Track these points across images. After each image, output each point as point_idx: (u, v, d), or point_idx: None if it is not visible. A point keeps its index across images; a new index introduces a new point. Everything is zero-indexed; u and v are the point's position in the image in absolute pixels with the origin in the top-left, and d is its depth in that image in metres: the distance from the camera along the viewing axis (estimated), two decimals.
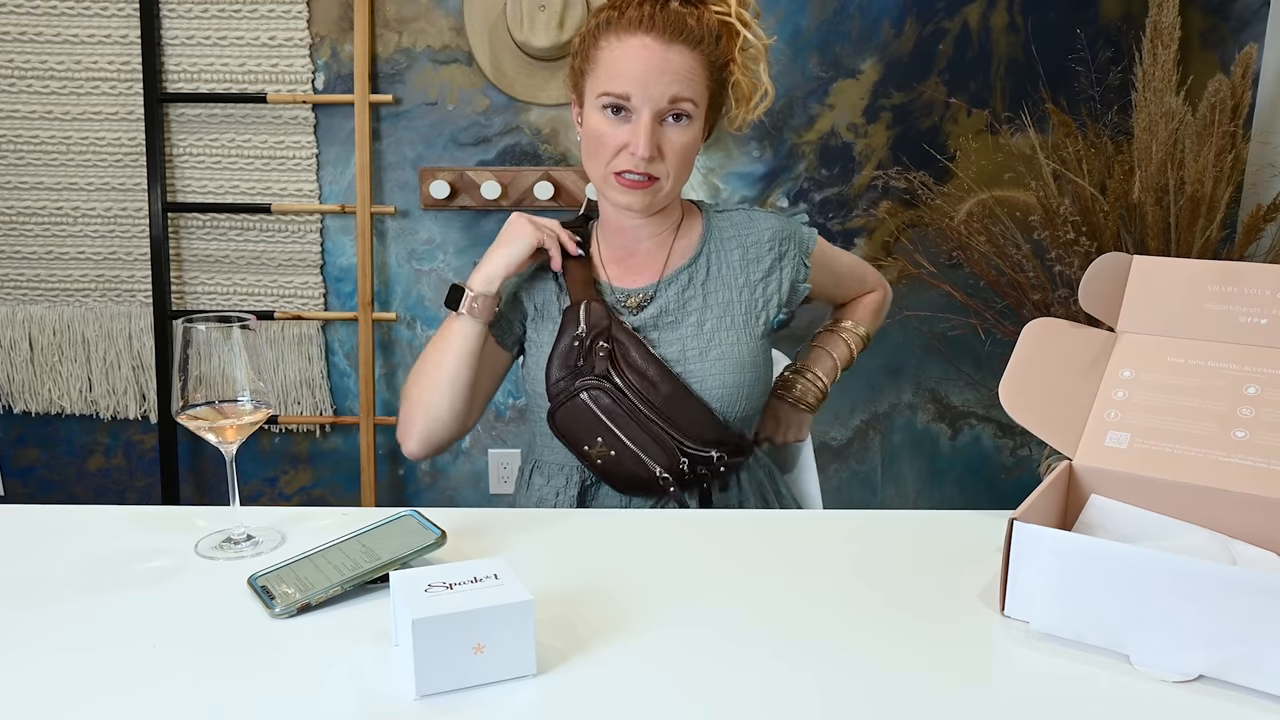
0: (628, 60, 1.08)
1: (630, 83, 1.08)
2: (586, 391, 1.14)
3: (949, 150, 2.08)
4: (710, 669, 0.75)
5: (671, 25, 1.08)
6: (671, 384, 1.15)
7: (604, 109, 1.10)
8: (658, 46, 1.08)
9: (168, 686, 0.71)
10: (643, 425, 1.14)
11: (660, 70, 1.08)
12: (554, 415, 1.16)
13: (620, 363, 1.15)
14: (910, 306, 2.13)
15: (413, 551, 0.87)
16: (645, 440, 1.14)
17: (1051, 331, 1.00)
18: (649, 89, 1.08)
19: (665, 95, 1.08)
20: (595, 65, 1.12)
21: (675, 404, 1.15)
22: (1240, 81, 1.67)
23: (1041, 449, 2.04)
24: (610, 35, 1.10)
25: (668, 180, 1.13)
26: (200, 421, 0.91)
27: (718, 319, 1.19)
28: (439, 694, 0.70)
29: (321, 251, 2.13)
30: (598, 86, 1.11)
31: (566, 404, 1.15)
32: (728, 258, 1.22)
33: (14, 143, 2.07)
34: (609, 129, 1.11)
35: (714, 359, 1.17)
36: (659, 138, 1.10)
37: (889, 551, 0.97)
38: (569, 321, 1.16)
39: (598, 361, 1.14)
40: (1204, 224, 1.70)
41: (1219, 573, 0.72)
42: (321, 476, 2.27)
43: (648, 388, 1.14)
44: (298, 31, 2.02)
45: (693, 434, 1.15)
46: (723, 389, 1.17)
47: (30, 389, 2.19)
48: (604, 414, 1.14)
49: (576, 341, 1.15)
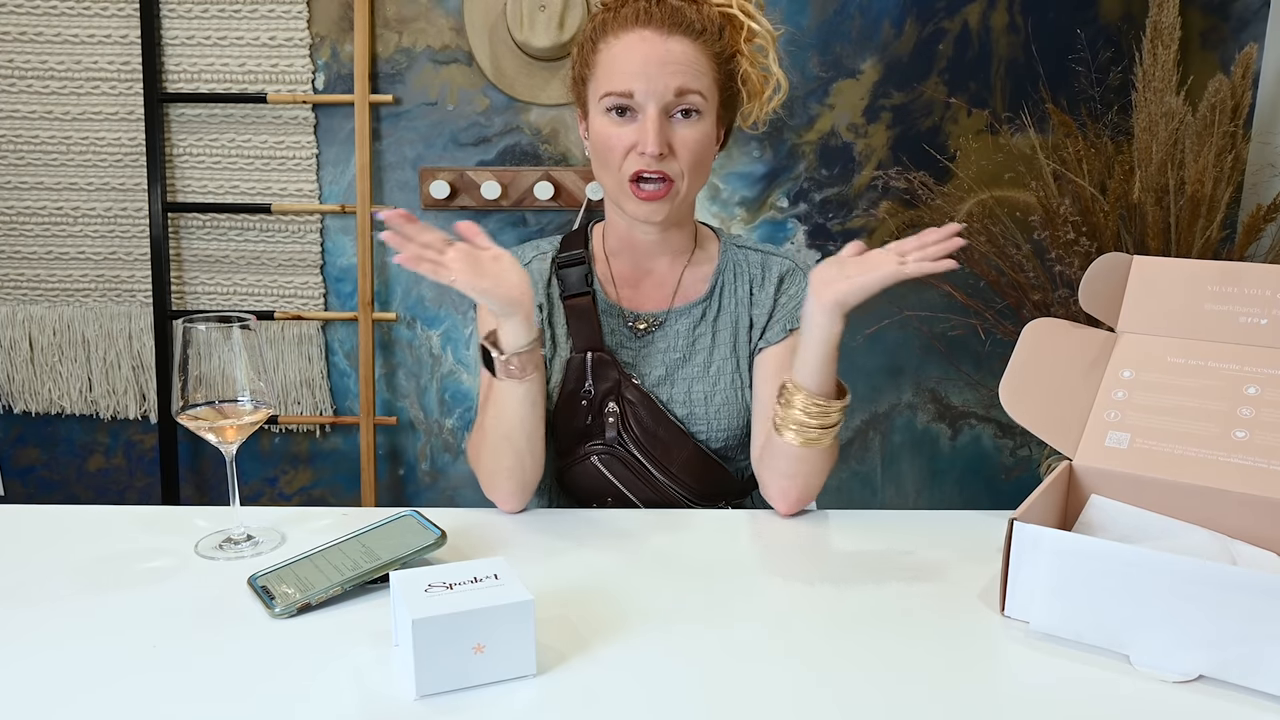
0: (626, 55, 1.04)
1: (631, 78, 1.03)
2: (597, 456, 1.13)
3: (949, 150, 2.08)
4: (710, 669, 0.75)
5: (669, 17, 1.04)
6: (685, 446, 1.13)
7: (608, 111, 1.06)
8: (656, 38, 1.03)
9: (168, 686, 0.71)
10: (654, 487, 1.13)
11: (661, 62, 1.03)
12: (562, 476, 1.16)
13: (631, 426, 1.12)
14: (910, 306, 2.13)
15: (413, 551, 0.87)
16: (655, 499, 1.14)
17: (1051, 331, 1.00)
18: (652, 82, 1.03)
19: (670, 88, 1.03)
20: (595, 68, 1.08)
21: (689, 466, 1.14)
22: (1240, 81, 1.67)
23: (1041, 449, 2.04)
24: (607, 35, 1.06)
25: (682, 181, 1.07)
26: (200, 421, 0.92)
27: (723, 360, 1.16)
28: (439, 694, 0.70)
29: (321, 251, 2.13)
30: (599, 89, 1.06)
31: (576, 466, 1.14)
32: (739, 293, 1.18)
33: (14, 143, 2.07)
34: (615, 130, 1.05)
35: (719, 404, 1.15)
36: (668, 134, 1.04)
37: (889, 551, 0.97)
38: (574, 369, 1.13)
39: (608, 426, 1.12)
40: (1204, 224, 1.70)
41: (1219, 573, 0.72)
42: (321, 476, 2.27)
43: (661, 451, 1.13)
44: (298, 31, 2.02)
45: (704, 490, 1.15)
46: (727, 433, 1.15)
47: (30, 389, 2.19)
48: (615, 478, 1.13)
49: (585, 400, 1.12)
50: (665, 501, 1.14)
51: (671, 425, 1.13)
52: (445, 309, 2.16)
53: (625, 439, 1.12)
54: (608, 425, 1.12)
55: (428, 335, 2.18)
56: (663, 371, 1.15)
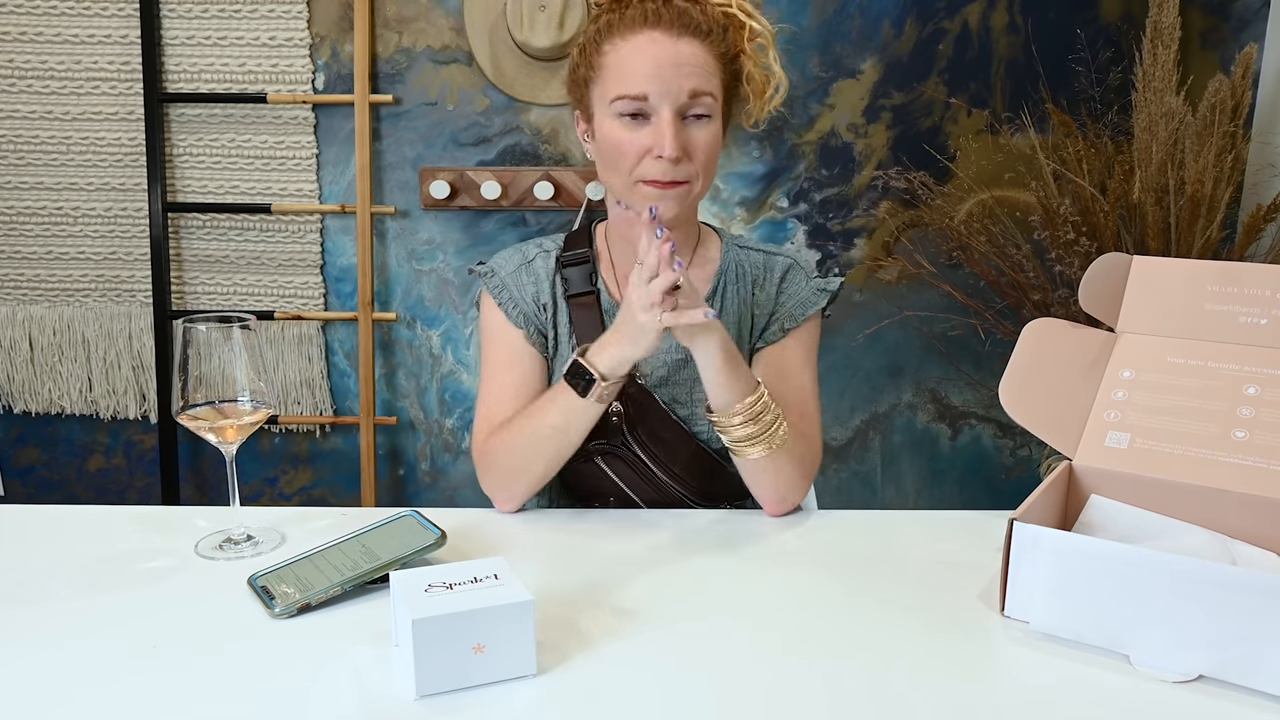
0: (638, 58, 1.02)
1: (645, 80, 1.01)
2: (601, 455, 1.12)
3: (949, 150, 2.08)
4: (710, 669, 0.75)
5: (678, 19, 1.03)
6: (688, 446, 1.13)
7: (620, 115, 1.03)
8: (667, 40, 1.02)
9: (168, 686, 0.71)
10: (657, 487, 1.13)
11: (675, 64, 1.01)
12: (564, 475, 1.14)
13: (635, 427, 1.12)
14: (910, 306, 2.13)
15: (413, 551, 0.87)
16: (657, 499, 1.14)
17: (1051, 331, 1.00)
18: (666, 84, 1.01)
19: (684, 90, 1.01)
20: (603, 71, 1.05)
21: (692, 466, 1.13)
22: (1240, 81, 1.67)
23: (1041, 449, 2.04)
24: (614, 37, 1.04)
25: (697, 182, 1.05)
26: (200, 421, 0.92)
27: None
28: (439, 694, 0.70)
29: (321, 251, 2.13)
30: (609, 92, 1.03)
31: (579, 466, 1.13)
32: (741, 293, 1.17)
33: (14, 143, 2.06)
34: (628, 135, 1.03)
35: None
36: (683, 137, 1.02)
37: (889, 551, 0.97)
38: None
39: (611, 426, 1.12)
40: (1204, 224, 1.70)
41: (1219, 573, 0.72)
42: (321, 476, 2.27)
43: (664, 451, 1.12)
44: (298, 31, 2.02)
45: (706, 490, 1.15)
46: None
47: (30, 389, 2.19)
48: (618, 478, 1.13)
49: None
50: (667, 501, 1.13)
51: (674, 425, 1.13)
52: (445, 309, 2.16)
53: (629, 439, 1.12)
54: (611, 425, 1.12)
55: (428, 335, 2.18)
56: (665, 372, 1.15)
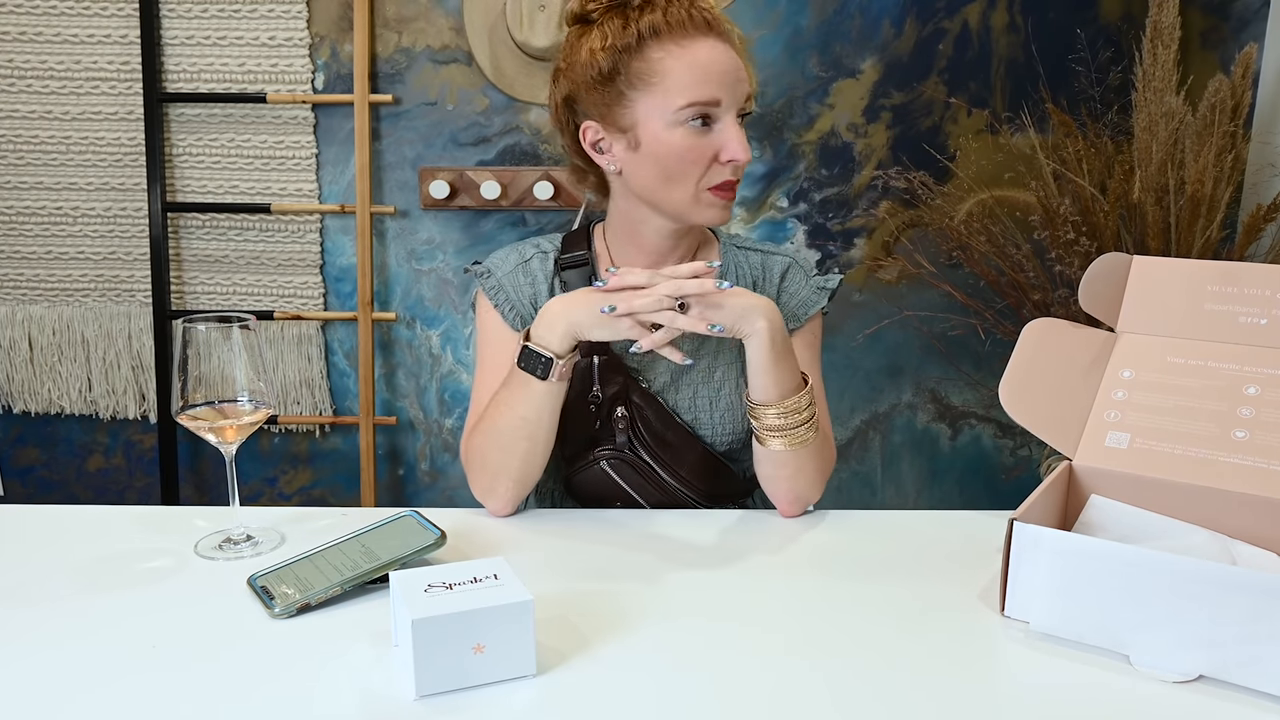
0: (707, 64, 1.01)
1: (719, 86, 1.01)
2: (607, 461, 1.12)
3: (949, 150, 2.08)
4: (710, 669, 0.75)
5: (715, 22, 1.04)
6: (694, 449, 1.13)
7: (689, 121, 1.01)
8: (720, 45, 1.03)
9: (167, 686, 0.71)
10: (663, 490, 1.13)
11: (736, 68, 1.03)
12: (570, 480, 1.15)
13: (641, 431, 1.12)
14: (910, 306, 2.13)
15: (413, 552, 0.87)
16: (664, 502, 1.13)
17: (1051, 331, 1.00)
18: (733, 90, 1.02)
19: (742, 94, 1.03)
20: (658, 78, 1.01)
21: (698, 469, 1.13)
22: (1240, 81, 1.67)
23: (1041, 449, 2.04)
24: (666, 43, 1.01)
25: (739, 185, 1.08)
26: (200, 422, 0.91)
27: (727, 365, 1.15)
28: (439, 694, 0.70)
29: (321, 251, 2.13)
30: (675, 100, 1.01)
31: (585, 471, 1.13)
32: None
33: (14, 143, 2.06)
34: (698, 141, 1.02)
35: (724, 408, 1.14)
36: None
37: (889, 551, 0.97)
38: (581, 372, 1.11)
39: (618, 432, 1.12)
40: (1204, 224, 1.70)
41: (1219, 573, 0.72)
42: (321, 476, 2.27)
43: (671, 455, 1.12)
44: (297, 31, 2.02)
45: (711, 491, 1.14)
46: (732, 436, 1.15)
47: (30, 389, 2.19)
48: (625, 482, 1.13)
49: (593, 405, 1.12)
50: (673, 504, 1.13)
51: (680, 429, 1.13)
52: (445, 309, 2.16)
53: (635, 444, 1.12)
54: (617, 430, 1.12)
55: (427, 335, 2.18)
56: (668, 377, 1.15)
